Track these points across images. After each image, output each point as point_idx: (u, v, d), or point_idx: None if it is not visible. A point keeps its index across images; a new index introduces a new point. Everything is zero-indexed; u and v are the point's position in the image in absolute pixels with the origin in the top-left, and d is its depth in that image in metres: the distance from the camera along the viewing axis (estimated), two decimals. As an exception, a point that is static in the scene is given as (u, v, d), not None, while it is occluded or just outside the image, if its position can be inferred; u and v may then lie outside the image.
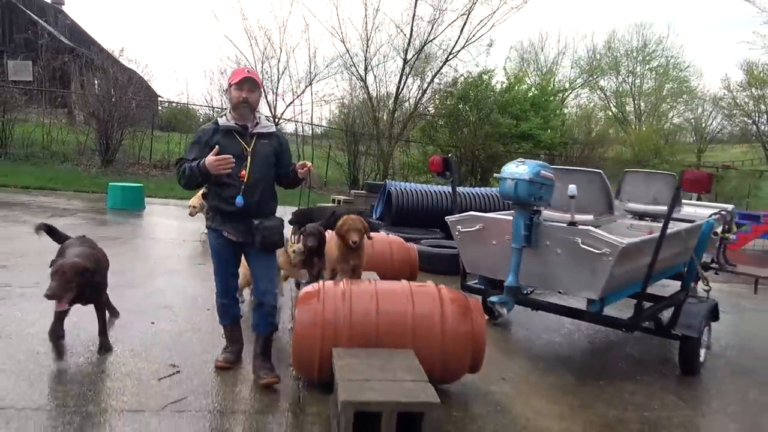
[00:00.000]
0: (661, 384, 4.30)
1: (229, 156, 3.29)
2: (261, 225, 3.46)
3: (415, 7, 17.85)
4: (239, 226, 3.50)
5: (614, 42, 43.79)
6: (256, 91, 3.52)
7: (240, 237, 3.52)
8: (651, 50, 43.42)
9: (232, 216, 3.48)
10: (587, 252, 3.63)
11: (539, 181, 3.66)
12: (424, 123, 19.97)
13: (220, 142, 3.42)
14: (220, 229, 3.53)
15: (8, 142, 16.41)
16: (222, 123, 3.50)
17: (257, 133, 3.54)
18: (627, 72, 44.47)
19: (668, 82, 43.76)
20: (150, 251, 7.84)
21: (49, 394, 3.27)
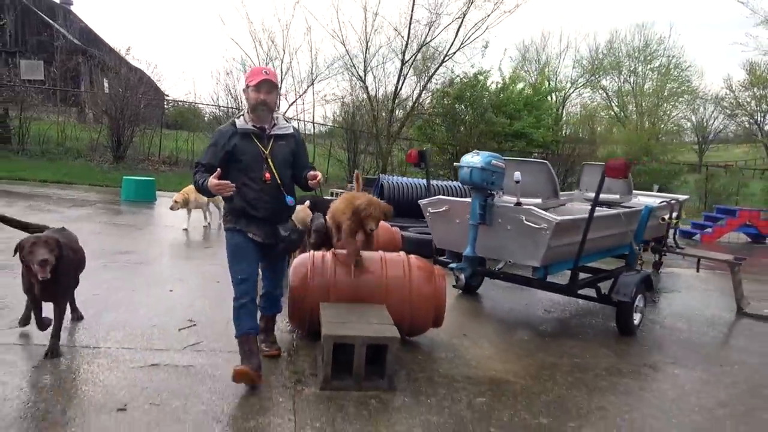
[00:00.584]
0: (598, 341, 5.10)
1: (229, 183, 3.29)
2: (288, 237, 3.57)
3: (412, 10, 18.68)
4: (265, 228, 3.55)
5: (616, 42, 43.96)
6: (273, 92, 3.52)
7: (265, 239, 3.56)
8: (653, 50, 43.82)
9: (258, 219, 3.52)
10: (529, 227, 4.44)
11: (490, 169, 4.47)
12: (421, 122, 20.74)
13: (237, 144, 3.45)
14: (245, 231, 3.54)
15: (25, 139, 17.31)
16: (239, 125, 3.51)
17: (275, 134, 3.56)
18: (629, 72, 44.95)
19: (669, 82, 44.14)
20: (163, 236, 8.67)
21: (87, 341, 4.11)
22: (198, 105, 23.38)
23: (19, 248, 3.51)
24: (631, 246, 5.52)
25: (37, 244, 3.47)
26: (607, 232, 5.16)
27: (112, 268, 6.17)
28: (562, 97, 44.28)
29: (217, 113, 20.99)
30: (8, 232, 4.69)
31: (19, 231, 4.25)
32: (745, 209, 14.13)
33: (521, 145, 19.45)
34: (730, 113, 43.04)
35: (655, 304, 6.48)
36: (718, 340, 5.61)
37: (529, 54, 42.49)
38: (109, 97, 17.14)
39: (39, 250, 3.44)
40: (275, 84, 3.51)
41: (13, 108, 17.44)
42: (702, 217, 14.75)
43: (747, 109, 40.10)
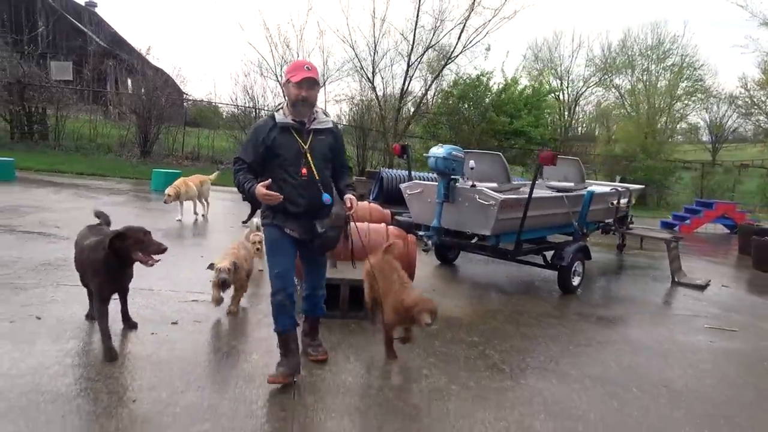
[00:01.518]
0: (543, 297, 6.36)
1: (278, 195, 3.25)
2: (325, 234, 3.49)
3: (417, 17, 19.95)
4: (301, 224, 3.48)
5: (629, 40, 44.02)
6: (315, 88, 3.42)
7: (302, 235, 3.50)
8: (666, 48, 44.11)
9: (295, 215, 3.44)
10: (481, 204, 5.71)
11: (451, 158, 5.74)
12: (426, 120, 21.98)
13: (276, 138, 3.37)
14: (282, 226, 3.48)
15: (61, 136, 18.89)
16: (279, 119, 3.41)
17: (314, 129, 3.46)
18: (642, 70, 45.39)
19: (683, 81, 44.43)
20: (188, 219, 10.05)
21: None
22: (217, 104, 24.82)
23: (121, 237, 3.56)
24: (574, 224, 6.74)
25: (148, 234, 3.66)
26: (551, 211, 6.41)
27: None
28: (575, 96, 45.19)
29: (235, 112, 22.35)
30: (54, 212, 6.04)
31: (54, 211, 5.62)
32: (722, 202, 15.20)
33: (521, 143, 20.59)
34: (745, 112, 43.24)
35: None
36: (644, 298, 6.82)
37: (541, 53, 43.65)
38: (138, 98, 18.61)
39: (156, 240, 3.69)
40: (317, 80, 3.41)
41: (50, 107, 19.03)
42: (683, 209, 15.83)
43: (762, 108, 39.40)
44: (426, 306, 3.70)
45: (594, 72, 43.99)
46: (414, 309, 3.69)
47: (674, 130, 49.67)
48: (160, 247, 3.61)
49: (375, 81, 21.13)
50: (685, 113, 46.56)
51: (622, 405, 3.65)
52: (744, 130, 47.36)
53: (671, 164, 23.24)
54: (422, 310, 3.66)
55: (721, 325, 5.71)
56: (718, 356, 4.83)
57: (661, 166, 22.13)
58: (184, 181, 9.71)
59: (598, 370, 4.23)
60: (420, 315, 3.66)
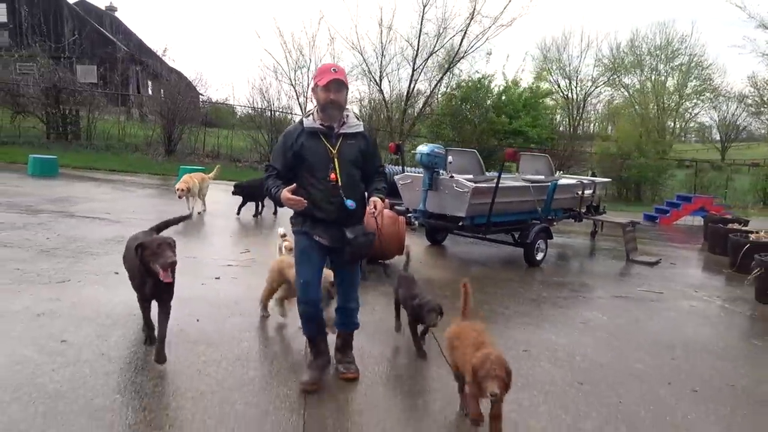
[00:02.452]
0: (513, 269, 7.72)
1: (302, 200, 3.22)
2: (355, 240, 3.35)
3: (421, 24, 21.33)
4: (331, 231, 3.40)
5: (638, 40, 44.48)
6: (343, 91, 3.36)
7: (331, 242, 3.42)
8: (674, 48, 44.04)
9: (324, 221, 3.38)
10: (457, 191, 7.08)
11: (433, 154, 7.12)
12: (430, 121, 23.34)
13: (304, 143, 3.33)
14: (311, 233, 3.42)
15: (92, 136, 20.53)
16: (307, 124, 3.38)
17: (343, 133, 3.40)
18: (650, 70, 45.99)
19: (691, 80, 44.78)
20: (213, 208, 11.51)
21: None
22: (230, 104, 26.43)
23: (142, 248, 3.44)
24: (538, 210, 8.08)
25: (162, 245, 3.41)
26: (518, 199, 7.78)
27: (184, 224, 9.05)
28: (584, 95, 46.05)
29: (251, 113, 23.86)
30: (101, 202, 7.50)
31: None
32: (701, 196, 16.41)
33: (519, 142, 21.83)
34: (755, 111, 43.54)
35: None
36: (598, 271, 8.14)
37: (550, 53, 44.73)
38: (163, 101, 20.19)
39: (167, 252, 3.39)
40: (345, 82, 3.35)
41: (82, 109, 20.67)
42: (664, 203, 17.04)
43: None
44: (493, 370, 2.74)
45: (603, 72, 45.06)
46: (479, 372, 2.78)
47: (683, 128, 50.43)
48: (166, 261, 3.33)
49: (382, 84, 22.57)
50: (694, 112, 47.40)
51: (553, 334, 5.01)
52: (754, 128, 47.70)
53: (664, 162, 24.36)
54: (488, 377, 2.74)
55: (651, 289, 7.05)
56: (639, 307, 6.16)
57: (654, 164, 23.28)
58: (191, 176, 9.95)
59: (538, 314, 5.60)
60: (485, 381, 2.76)
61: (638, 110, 42.35)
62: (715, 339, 5.28)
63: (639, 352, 4.67)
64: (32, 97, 19.43)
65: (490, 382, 2.74)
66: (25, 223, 7.93)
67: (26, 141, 19.16)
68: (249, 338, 4.32)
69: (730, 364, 4.56)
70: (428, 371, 4.02)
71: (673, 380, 4.09)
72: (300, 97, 22.47)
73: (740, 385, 4.11)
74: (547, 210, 8.26)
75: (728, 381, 4.18)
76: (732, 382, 4.15)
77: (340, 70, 3.38)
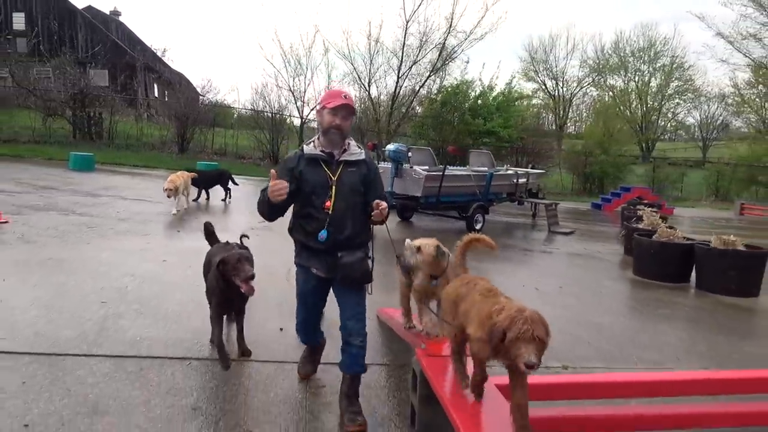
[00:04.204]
0: (458, 237, 10.48)
1: (283, 182, 3.00)
2: (341, 261, 3.14)
3: (404, 38, 24.22)
4: (326, 261, 3.20)
5: (622, 42, 46.76)
6: (349, 119, 3.24)
7: (328, 273, 3.22)
8: (657, 50, 46.29)
9: (318, 251, 3.19)
10: (415, 177, 9.83)
11: (398, 151, 9.88)
12: (414, 123, 26.13)
13: (303, 171, 3.18)
14: (307, 266, 3.26)
15: (114, 135, 23.21)
16: (307, 151, 3.23)
17: (344, 161, 3.22)
18: (634, 71, 48.38)
19: (673, 81, 47.01)
20: (235, 195, 14.21)
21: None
22: (234, 107, 29.24)
23: (223, 263, 3.49)
24: (477, 194, 10.84)
25: (241, 260, 3.47)
26: (460, 184, 10.54)
27: (204, 209, 11.78)
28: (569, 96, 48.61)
29: (253, 114, 26.56)
30: (140, 189, 10.19)
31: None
32: (639, 187, 19.24)
33: (492, 141, 24.61)
34: (735, 111, 45.79)
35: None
36: (524, 236, 10.89)
37: (537, 55, 47.38)
38: (178, 105, 22.92)
39: (245, 266, 3.44)
40: (353, 110, 3.28)
41: (104, 112, 23.35)
42: (609, 193, 19.87)
43: (752, 107, 40.81)
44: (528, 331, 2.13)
45: (588, 73, 47.60)
46: (509, 332, 2.18)
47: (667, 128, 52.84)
48: (246, 274, 3.41)
49: (371, 90, 25.39)
50: (676, 112, 49.82)
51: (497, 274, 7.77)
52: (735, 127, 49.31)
53: (623, 159, 27.23)
54: (521, 339, 2.14)
55: (555, 247, 9.84)
56: (544, 256, 8.91)
57: (613, 160, 26.13)
58: (178, 176, 10.32)
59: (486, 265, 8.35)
60: (517, 347, 2.15)
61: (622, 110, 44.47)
62: (583, 274, 8.06)
63: (539, 279, 7.35)
64: (62, 101, 22.06)
65: (524, 347, 2.11)
66: (93, 203, 10.64)
67: (56, 140, 21.84)
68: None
69: (586, 281, 7.35)
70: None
71: (553, 288, 6.86)
72: (297, 101, 25.24)
73: (587, 291, 6.89)
74: (486, 193, 11.03)
75: (583, 289, 6.95)
76: (582, 289, 6.93)
77: (350, 98, 3.27)
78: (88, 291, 5.25)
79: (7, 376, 3.45)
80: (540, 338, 2.13)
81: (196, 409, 3.18)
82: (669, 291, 7.03)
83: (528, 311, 2.22)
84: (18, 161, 17.90)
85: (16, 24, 34.35)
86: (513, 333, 2.14)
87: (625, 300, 6.84)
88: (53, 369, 3.61)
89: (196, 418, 3.08)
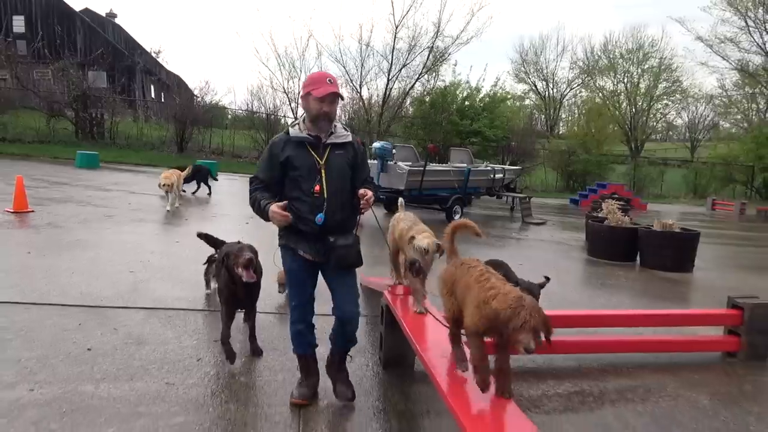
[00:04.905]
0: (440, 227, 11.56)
1: (288, 216, 3.05)
2: (335, 243, 3.13)
3: (394, 42, 25.28)
4: (316, 245, 3.20)
5: (611, 44, 47.88)
6: (335, 102, 3.17)
7: (316, 257, 3.22)
8: (646, 52, 46.99)
9: (307, 234, 3.17)
10: (399, 172, 10.88)
11: (384, 148, 10.91)
12: (404, 123, 27.20)
13: (290, 155, 3.14)
14: (295, 248, 3.23)
15: (114, 135, 24.14)
16: (293, 134, 3.17)
17: (331, 143, 3.19)
18: (623, 72, 49.31)
19: (661, 82, 48.01)
20: (225, 189, 15.23)
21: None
22: (231, 108, 30.23)
23: (227, 257, 3.67)
24: (456, 188, 11.89)
25: (242, 248, 3.63)
26: (440, 178, 11.58)
27: (206, 202, 12.79)
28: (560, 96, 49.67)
29: (249, 115, 27.53)
30: (146, 185, 11.22)
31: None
32: (614, 184, 20.36)
33: (478, 141, 25.70)
34: (723, 111, 46.73)
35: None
36: (501, 225, 11.94)
37: (528, 57, 48.56)
38: (178, 106, 23.90)
39: (244, 252, 3.60)
40: (339, 94, 3.18)
41: (105, 112, 24.29)
42: (586, 189, 21.00)
43: (739, 107, 41.52)
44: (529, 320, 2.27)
45: (578, 74, 48.64)
46: (510, 320, 2.29)
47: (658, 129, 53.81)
48: (244, 258, 3.57)
49: (362, 91, 26.42)
50: (665, 113, 50.78)
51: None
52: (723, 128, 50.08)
53: (604, 158, 28.40)
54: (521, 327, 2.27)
55: (527, 235, 10.91)
56: (517, 242, 9.96)
57: (595, 160, 27.28)
58: (171, 173, 10.60)
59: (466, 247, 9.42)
60: (518, 333, 2.27)
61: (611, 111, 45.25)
62: (544, 255, 9.11)
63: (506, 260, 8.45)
64: (65, 103, 22.99)
65: (525, 335, 2.24)
66: (106, 196, 11.63)
67: (59, 140, 22.75)
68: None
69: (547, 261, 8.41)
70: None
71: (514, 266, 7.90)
72: (292, 103, 26.22)
73: (545, 268, 7.94)
74: (464, 187, 12.09)
75: (540, 266, 8.00)
76: (540, 266, 7.98)
77: (335, 80, 3.22)
78: (117, 263, 6.27)
79: (66, 320, 4.46)
80: (537, 327, 2.27)
81: (217, 341, 4.18)
82: (616, 268, 8.11)
83: (527, 300, 2.33)
84: (26, 159, 18.82)
85: (16, 27, 35.18)
86: (516, 323, 2.26)
87: (578, 275, 7.90)
88: (100, 316, 4.63)
89: (218, 347, 4.08)
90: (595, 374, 4.14)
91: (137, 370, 3.67)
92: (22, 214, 8.68)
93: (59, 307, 4.75)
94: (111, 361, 3.76)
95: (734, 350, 4.51)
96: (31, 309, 4.64)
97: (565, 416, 3.49)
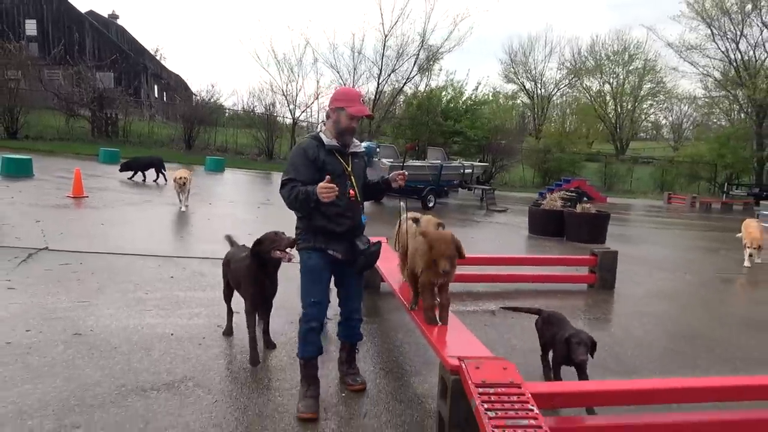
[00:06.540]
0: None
1: (334, 186, 3.16)
2: (368, 251, 3.45)
3: (383, 49, 27.69)
4: (344, 245, 3.45)
5: (597, 45, 49.77)
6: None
7: (345, 255, 3.46)
8: (631, 53, 48.72)
9: (338, 235, 3.41)
10: (381, 168, 13.22)
11: (371, 147, 13.26)
12: (393, 123, 29.56)
13: (324, 160, 3.37)
14: (325, 248, 3.43)
15: (128, 133, 26.38)
16: (326, 141, 3.41)
17: (352, 152, 3.54)
18: (609, 73, 51.01)
19: (646, 83, 49.55)
20: (231, 181, 17.52)
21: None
22: (231, 109, 32.55)
23: (258, 243, 3.85)
24: (430, 181, 14.20)
25: (278, 234, 3.82)
26: (417, 173, 13.92)
27: (216, 189, 15.09)
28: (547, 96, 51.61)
29: (251, 115, 29.80)
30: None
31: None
32: (577, 178, 22.79)
33: (461, 141, 28.05)
34: (707, 111, 45.69)
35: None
36: (466, 212, 14.27)
37: (516, 58, 50.47)
38: (187, 106, 26.16)
39: (283, 237, 3.78)
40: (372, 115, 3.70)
41: (120, 112, 26.50)
42: (553, 184, 23.42)
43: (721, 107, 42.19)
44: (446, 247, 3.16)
45: (565, 75, 50.54)
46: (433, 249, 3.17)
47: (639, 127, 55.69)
48: (290, 240, 3.65)
49: (355, 95, 28.75)
50: (649, 113, 52.56)
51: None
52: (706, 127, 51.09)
53: (577, 156, 30.88)
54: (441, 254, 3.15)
55: (492, 219, 13.27)
56: (479, 225, 12.31)
57: (568, 158, 29.74)
58: (185, 171, 11.36)
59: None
60: (440, 260, 3.14)
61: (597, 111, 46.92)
62: (495, 233, 11.46)
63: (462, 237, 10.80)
64: (84, 103, 25.21)
65: (442, 260, 3.09)
66: (135, 186, 13.91)
67: (77, 138, 24.95)
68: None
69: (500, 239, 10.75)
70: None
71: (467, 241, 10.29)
72: (290, 105, 28.61)
73: (492, 242, 10.29)
74: (437, 181, 14.43)
75: (488, 240, 10.34)
76: (487, 240, 10.33)
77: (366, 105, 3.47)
78: (167, 230, 8.60)
79: (145, 263, 6.75)
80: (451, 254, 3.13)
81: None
82: (546, 241, 10.47)
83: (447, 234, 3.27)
84: (52, 156, 21.00)
85: (29, 30, 37.21)
86: (435, 252, 3.17)
87: (516, 246, 10.24)
88: (169, 262, 6.91)
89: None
90: (488, 297, 6.50)
91: (206, 286, 5.98)
92: (80, 198, 10.95)
93: (142, 256, 7.06)
94: (188, 283, 6.07)
95: (592, 282, 6.85)
96: (125, 257, 6.94)
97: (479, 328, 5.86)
